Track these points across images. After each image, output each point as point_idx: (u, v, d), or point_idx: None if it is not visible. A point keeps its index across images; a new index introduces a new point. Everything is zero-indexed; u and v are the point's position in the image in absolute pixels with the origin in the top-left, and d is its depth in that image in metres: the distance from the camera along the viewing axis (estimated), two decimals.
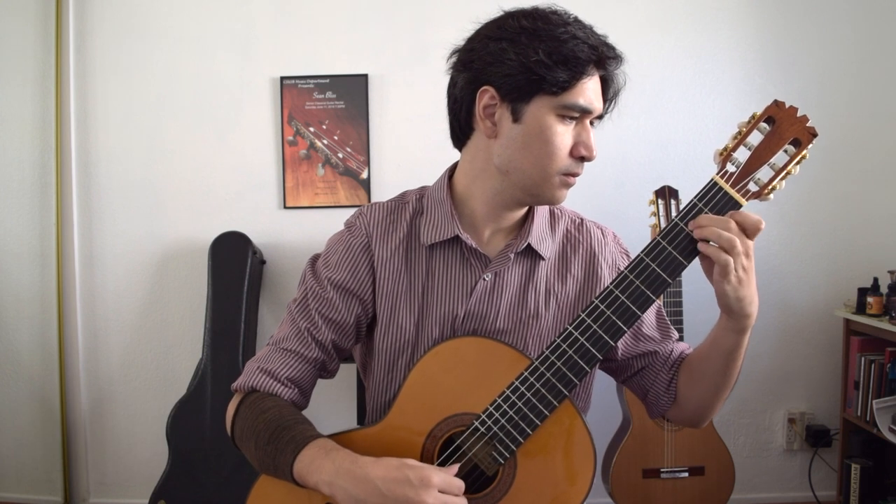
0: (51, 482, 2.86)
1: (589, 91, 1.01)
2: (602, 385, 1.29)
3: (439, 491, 0.91)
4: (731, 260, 0.92)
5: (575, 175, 1.06)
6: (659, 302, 1.19)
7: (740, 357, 1.06)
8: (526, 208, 1.14)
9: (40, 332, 2.84)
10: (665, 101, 2.78)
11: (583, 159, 1.04)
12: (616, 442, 2.50)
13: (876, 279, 2.57)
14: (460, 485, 0.93)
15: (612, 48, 1.02)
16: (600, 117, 1.07)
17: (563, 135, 1.02)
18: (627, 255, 1.20)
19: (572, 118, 1.02)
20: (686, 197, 2.30)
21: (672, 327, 1.21)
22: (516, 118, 1.03)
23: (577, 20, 1.02)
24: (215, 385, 2.56)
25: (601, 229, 1.21)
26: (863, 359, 2.58)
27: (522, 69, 0.99)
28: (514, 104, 1.02)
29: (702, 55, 2.77)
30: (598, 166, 2.66)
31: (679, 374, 1.16)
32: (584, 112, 1.01)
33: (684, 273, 0.98)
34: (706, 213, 0.95)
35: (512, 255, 1.12)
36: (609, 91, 1.06)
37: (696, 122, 2.78)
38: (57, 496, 2.85)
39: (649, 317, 1.18)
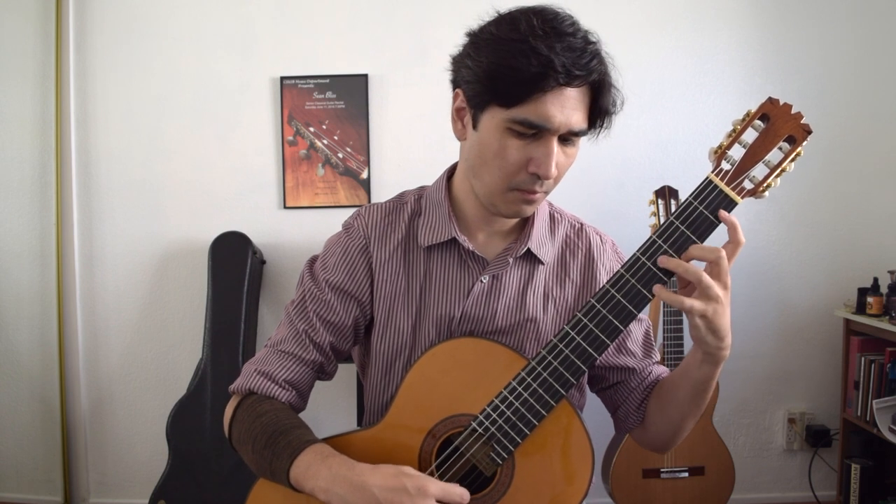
0: (51, 482, 2.86)
1: (548, 107, 0.94)
2: None
3: (437, 500, 0.90)
4: (683, 301, 0.91)
5: (532, 192, 1.02)
6: (650, 322, 1.19)
7: (710, 389, 1.05)
8: None
9: (40, 332, 2.84)
10: (665, 101, 2.77)
11: (539, 176, 0.99)
12: (616, 442, 2.50)
13: (876, 279, 2.57)
14: (462, 493, 0.92)
15: (584, 67, 0.94)
16: (577, 134, 0.99)
17: (514, 149, 0.98)
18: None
19: (526, 133, 0.97)
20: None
21: (655, 350, 1.20)
22: (475, 125, 1.02)
23: (554, 30, 0.94)
24: (215, 385, 2.56)
25: (600, 235, 1.21)
26: (863, 359, 2.58)
27: (475, 78, 0.98)
28: (474, 111, 1.01)
29: (702, 55, 2.77)
30: (598, 166, 2.71)
31: (650, 397, 1.16)
32: (538, 128, 0.96)
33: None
34: (701, 211, 0.94)
35: (511, 260, 1.11)
36: (595, 108, 0.99)
37: (696, 122, 2.77)
38: (57, 496, 2.85)
39: (636, 333, 1.17)
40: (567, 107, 0.96)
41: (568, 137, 0.99)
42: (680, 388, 1.07)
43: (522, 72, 0.93)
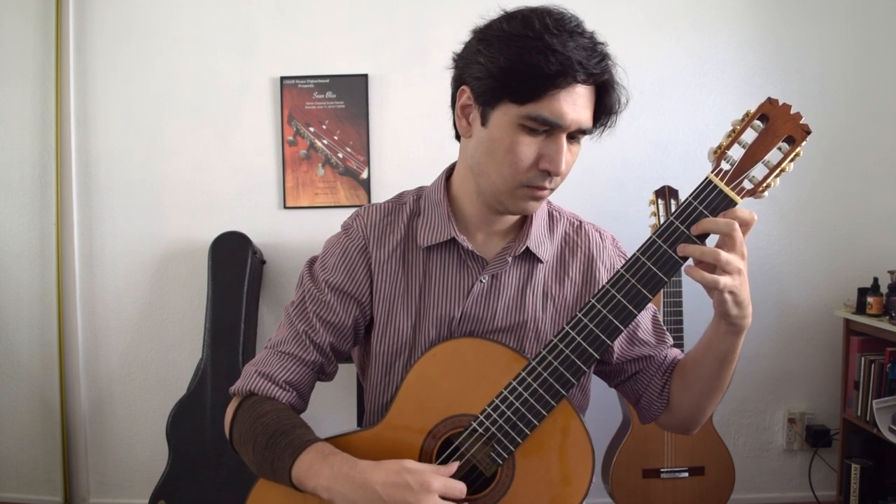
0: (51, 482, 2.86)
1: (561, 104, 0.95)
2: (602, 385, 1.28)
3: (440, 496, 0.90)
4: (717, 280, 0.91)
5: (541, 189, 1.02)
6: (655, 307, 1.19)
7: (735, 359, 1.05)
8: None
9: (40, 332, 2.84)
10: (665, 101, 2.77)
11: (549, 173, 1.00)
12: (616, 442, 2.50)
13: (876, 279, 2.57)
14: (462, 487, 0.93)
15: (596, 66, 0.96)
16: (583, 132, 1.01)
17: (526, 145, 0.99)
18: (625, 259, 1.20)
19: (538, 130, 0.98)
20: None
21: (667, 333, 1.20)
22: (484, 122, 1.02)
23: (565, 29, 0.96)
24: (215, 385, 2.56)
25: (600, 232, 1.21)
26: (863, 359, 2.57)
27: (488, 74, 0.98)
28: (483, 107, 1.01)
29: (702, 55, 2.77)
30: (598, 166, 2.71)
31: (672, 380, 1.16)
32: (551, 125, 0.97)
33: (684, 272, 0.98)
34: (701, 211, 0.94)
35: (510, 259, 1.11)
36: (601, 107, 1.01)
37: (696, 122, 2.77)
38: (57, 496, 2.85)
39: (645, 321, 1.17)
40: (578, 104, 0.97)
41: (575, 135, 1.01)
42: (704, 364, 1.07)
43: (541, 69, 0.93)
